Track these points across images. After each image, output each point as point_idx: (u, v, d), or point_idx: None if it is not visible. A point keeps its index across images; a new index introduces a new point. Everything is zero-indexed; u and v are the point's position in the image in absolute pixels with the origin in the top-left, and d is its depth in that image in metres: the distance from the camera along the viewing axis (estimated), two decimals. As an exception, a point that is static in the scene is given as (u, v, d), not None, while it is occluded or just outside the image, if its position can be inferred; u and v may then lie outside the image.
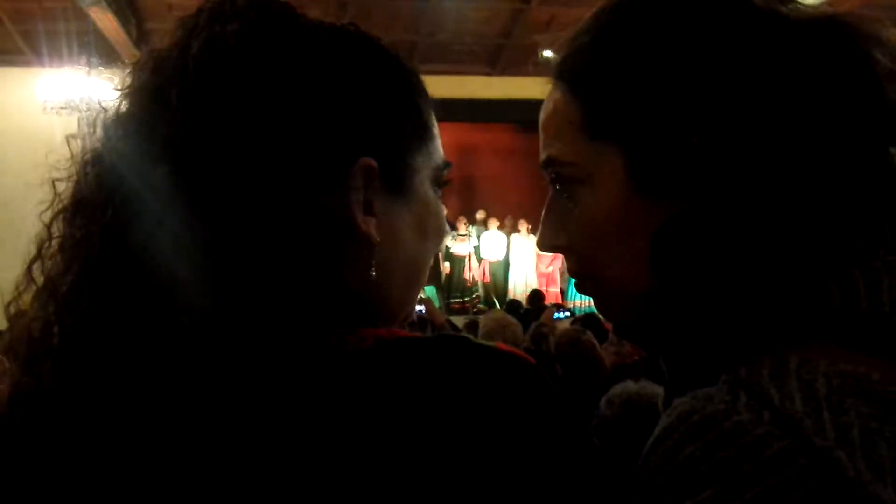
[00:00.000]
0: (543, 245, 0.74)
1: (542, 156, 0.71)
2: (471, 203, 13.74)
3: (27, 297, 0.62)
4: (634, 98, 0.64)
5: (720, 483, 0.51)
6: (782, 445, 0.51)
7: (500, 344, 0.60)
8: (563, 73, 0.71)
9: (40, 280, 0.61)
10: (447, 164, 0.73)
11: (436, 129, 0.72)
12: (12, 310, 0.62)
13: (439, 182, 0.72)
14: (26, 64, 10.57)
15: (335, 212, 0.60)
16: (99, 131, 0.63)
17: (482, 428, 0.53)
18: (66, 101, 9.26)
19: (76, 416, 0.54)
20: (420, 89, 0.71)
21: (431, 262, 0.72)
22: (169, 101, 0.59)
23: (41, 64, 9.87)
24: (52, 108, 9.32)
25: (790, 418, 0.52)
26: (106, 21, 8.77)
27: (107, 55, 8.92)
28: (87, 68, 8.93)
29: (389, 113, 0.66)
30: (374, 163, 0.62)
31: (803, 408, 0.52)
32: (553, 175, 0.71)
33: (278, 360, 0.54)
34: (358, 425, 0.53)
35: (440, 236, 0.72)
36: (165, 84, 0.60)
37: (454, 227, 12.52)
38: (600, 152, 0.67)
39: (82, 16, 8.65)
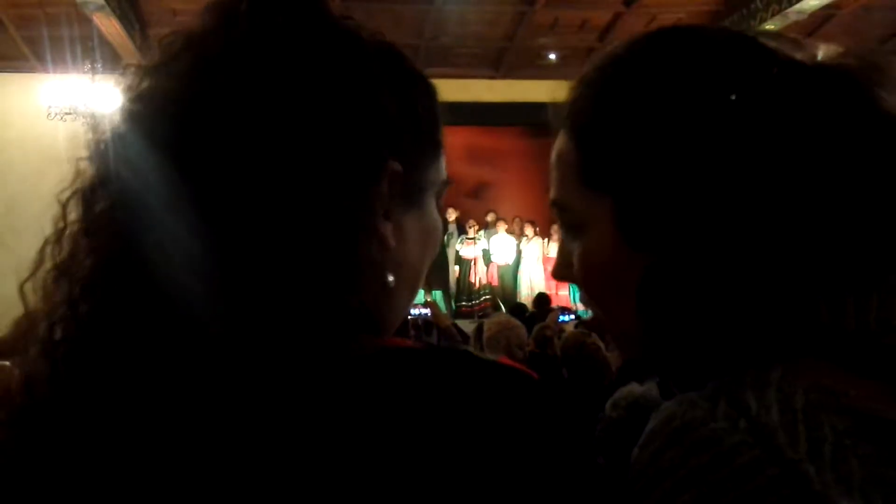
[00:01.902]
0: (556, 276, 0.77)
1: (550, 196, 0.74)
2: (478, 207, 13.72)
3: (35, 298, 0.61)
4: (625, 152, 0.65)
5: (695, 488, 0.53)
6: (754, 455, 0.52)
7: (503, 359, 0.60)
8: (566, 120, 0.72)
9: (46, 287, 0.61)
10: (449, 182, 0.74)
11: (443, 143, 0.73)
12: (24, 322, 0.62)
13: (440, 195, 0.74)
14: (30, 70, 10.60)
15: (358, 216, 0.59)
16: (111, 133, 0.61)
17: (480, 443, 0.53)
18: (70, 106, 9.30)
19: (87, 412, 0.54)
20: (438, 105, 0.72)
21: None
22: (195, 106, 0.57)
23: (45, 70, 9.90)
24: (56, 114, 9.36)
25: (764, 428, 0.53)
26: (110, 26, 8.79)
27: (111, 60, 8.95)
28: (91, 74, 8.96)
29: (413, 125, 0.66)
30: (399, 168, 0.63)
31: (779, 419, 0.53)
32: (556, 216, 0.74)
33: (283, 364, 0.53)
34: (356, 435, 0.52)
35: (436, 249, 0.74)
36: (188, 87, 0.58)
37: (464, 231, 12.55)
38: (594, 201, 0.68)
39: (86, 21, 8.67)
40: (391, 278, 0.63)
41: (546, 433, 0.56)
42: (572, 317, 8.46)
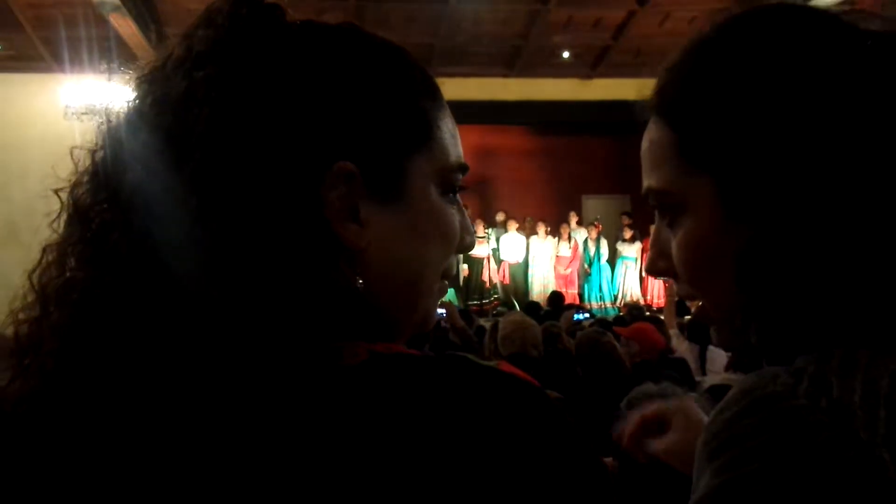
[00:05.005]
0: (649, 270, 0.77)
1: (644, 185, 0.74)
2: (490, 205, 13.72)
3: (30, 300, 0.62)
4: (723, 127, 0.66)
5: (767, 460, 0.53)
6: (831, 435, 0.52)
7: (501, 364, 0.59)
8: (660, 105, 0.72)
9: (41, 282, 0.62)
10: (462, 167, 0.70)
11: (444, 131, 0.68)
12: (21, 315, 0.62)
13: (449, 185, 0.68)
14: (48, 70, 10.68)
15: (312, 218, 0.58)
16: (102, 138, 0.65)
17: (477, 450, 0.52)
18: (87, 106, 9.35)
19: (75, 419, 0.54)
20: (423, 88, 0.68)
21: (444, 267, 0.69)
22: (147, 107, 0.61)
23: (62, 70, 9.97)
24: (73, 114, 9.43)
25: (845, 409, 0.53)
26: (126, 27, 8.86)
27: (127, 60, 9.00)
28: (107, 74, 9.01)
29: (377, 114, 0.63)
30: (351, 166, 0.60)
31: (861, 402, 0.53)
32: (654, 203, 0.74)
33: (271, 373, 0.53)
34: (347, 444, 0.52)
35: (449, 241, 0.68)
36: (149, 91, 0.62)
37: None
38: (694, 180, 0.69)
39: (103, 22, 8.73)
40: (360, 281, 0.61)
41: (545, 438, 0.54)
42: (587, 315, 8.45)
